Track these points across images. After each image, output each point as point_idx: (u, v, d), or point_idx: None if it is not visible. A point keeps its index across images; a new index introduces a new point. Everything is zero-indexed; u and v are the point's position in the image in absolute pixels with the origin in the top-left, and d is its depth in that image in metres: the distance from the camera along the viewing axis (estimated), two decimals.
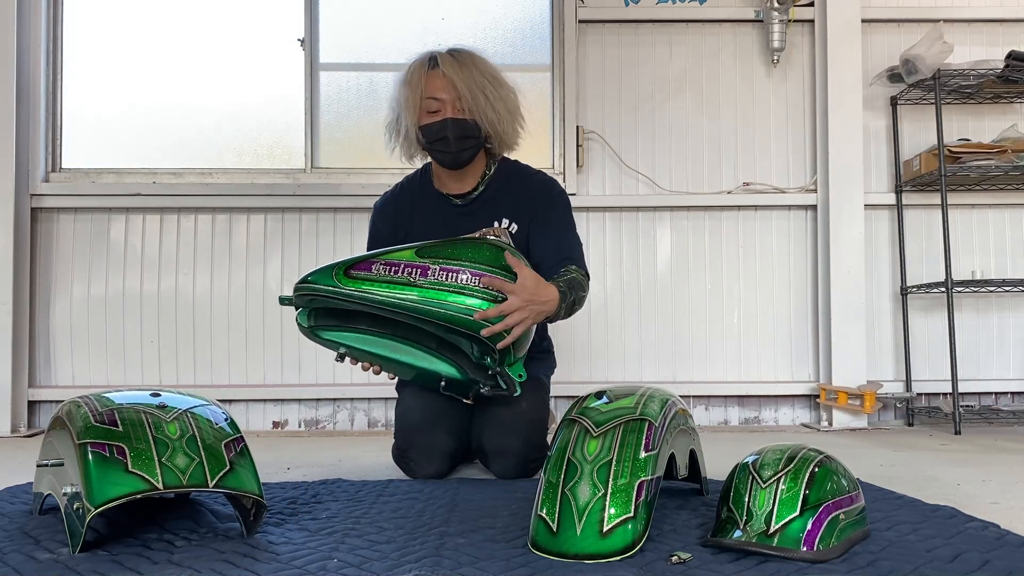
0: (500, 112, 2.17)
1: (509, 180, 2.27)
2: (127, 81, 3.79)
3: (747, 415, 3.76)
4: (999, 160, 3.48)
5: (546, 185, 2.28)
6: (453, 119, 2.12)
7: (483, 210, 2.25)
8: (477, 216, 2.24)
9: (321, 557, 1.38)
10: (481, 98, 2.13)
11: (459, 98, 2.12)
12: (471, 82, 2.13)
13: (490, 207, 2.25)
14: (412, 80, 2.16)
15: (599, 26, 3.81)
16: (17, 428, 3.51)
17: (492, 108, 2.15)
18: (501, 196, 2.25)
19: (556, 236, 2.23)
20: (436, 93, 2.14)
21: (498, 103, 2.16)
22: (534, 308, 1.93)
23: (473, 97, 2.12)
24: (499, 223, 2.24)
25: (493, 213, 2.24)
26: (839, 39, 3.67)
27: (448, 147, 2.15)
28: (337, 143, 3.82)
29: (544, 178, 2.30)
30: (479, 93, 2.13)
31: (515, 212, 2.23)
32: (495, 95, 2.16)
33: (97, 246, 3.69)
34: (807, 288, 3.79)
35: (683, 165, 3.81)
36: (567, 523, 1.38)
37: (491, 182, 2.25)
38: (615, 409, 1.54)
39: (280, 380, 3.71)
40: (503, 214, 2.24)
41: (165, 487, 1.41)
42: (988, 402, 3.76)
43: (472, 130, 2.14)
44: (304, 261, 3.71)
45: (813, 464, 1.43)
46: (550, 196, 2.26)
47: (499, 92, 2.17)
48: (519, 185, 2.26)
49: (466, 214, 2.25)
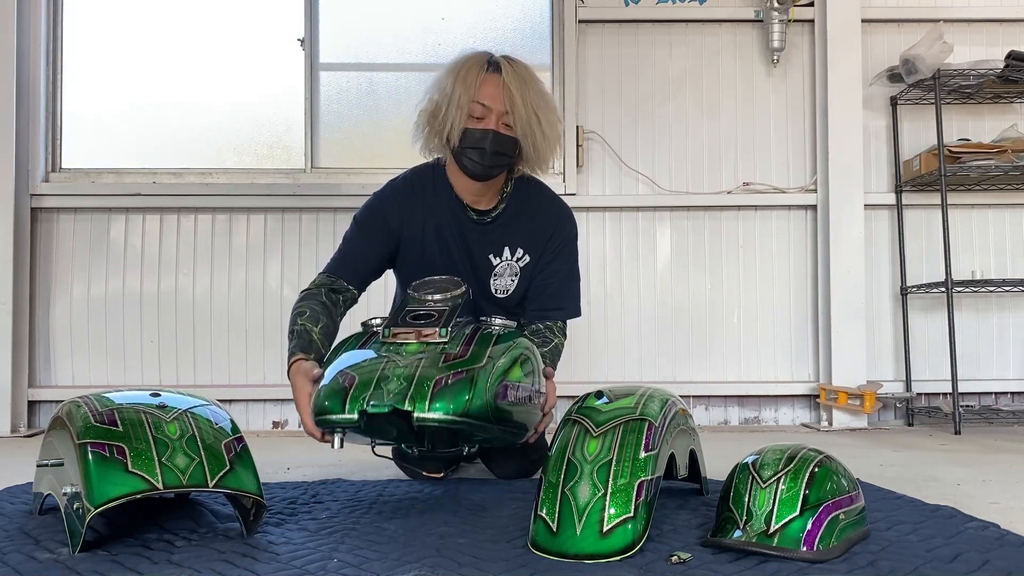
0: (549, 137, 2.06)
1: (527, 203, 2.17)
2: (127, 81, 3.79)
3: (747, 415, 3.76)
4: (999, 160, 3.48)
5: (562, 222, 2.18)
6: (497, 133, 2.00)
7: (499, 232, 2.15)
8: (490, 237, 2.14)
9: (321, 557, 1.38)
10: (535, 120, 2.02)
11: (511, 113, 2.00)
12: (529, 100, 2.01)
13: (507, 232, 2.15)
14: (467, 78, 2.00)
15: (599, 26, 3.81)
16: (17, 428, 3.51)
17: (542, 132, 2.04)
18: (518, 222, 2.15)
19: (558, 282, 2.16)
20: (487, 99, 2.01)
21: (548, 128, 2.05)
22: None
23: (528, 117, 2.01)
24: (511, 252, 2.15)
25: (509, 239, 2.15)
26: (839, 39, 3.66)
27: (483, 158, 2.01)
28: (337, 143, 3.82)
29: (559, 211, 2.20)
30: (534, 115, 2.02)
31: (530, 244, 2.15)
32: (547, 120, 2.05)
33: (97, 246, 3.69)
34: (807, 288, 3.79)
35: (683, 165, 3.81)
36: (567, 523, 1.38)
37: (510, 201, 2.15)
38: (615, 409, 1.54)
39: (280, 380, 3.69)
40: (519, 243, 2.15)
41: (165, 487, 1.41)
42: (988, 402, 3.76)
43: (510, 148, 2.03)
44: (304, 261, 3.71)
45: (813, 464, 1.43)
46: (564, 236, 2.17)
47: (550, 118, 2.06)
48: (537, 215, 2.17)
49: (483, 233, 2.14)
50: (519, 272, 2.15)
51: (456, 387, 1.54)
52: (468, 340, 1.68)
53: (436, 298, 1.82)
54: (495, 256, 2.15)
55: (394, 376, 1.56)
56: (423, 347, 1.66)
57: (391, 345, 1.68)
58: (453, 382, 1.54)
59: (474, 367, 1.58)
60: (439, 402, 1.51)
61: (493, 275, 2.15)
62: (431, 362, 1.60)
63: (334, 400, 1.56)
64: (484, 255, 2.14)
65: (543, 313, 2.16)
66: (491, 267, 2.15)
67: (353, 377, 1.59)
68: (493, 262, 2.15)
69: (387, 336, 1.70)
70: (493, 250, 2.14)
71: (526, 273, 2.16)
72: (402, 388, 1.54)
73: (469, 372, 1.57)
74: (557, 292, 2.16)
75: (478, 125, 2.01)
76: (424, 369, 1.57)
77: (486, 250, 2.14)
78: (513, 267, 2.15)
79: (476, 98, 2.00)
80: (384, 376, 1.57)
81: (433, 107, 2.05)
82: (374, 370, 1.59)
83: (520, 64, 2.07)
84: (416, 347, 1.66)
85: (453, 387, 1.54)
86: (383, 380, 1.56)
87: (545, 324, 2.15)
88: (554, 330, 2.15)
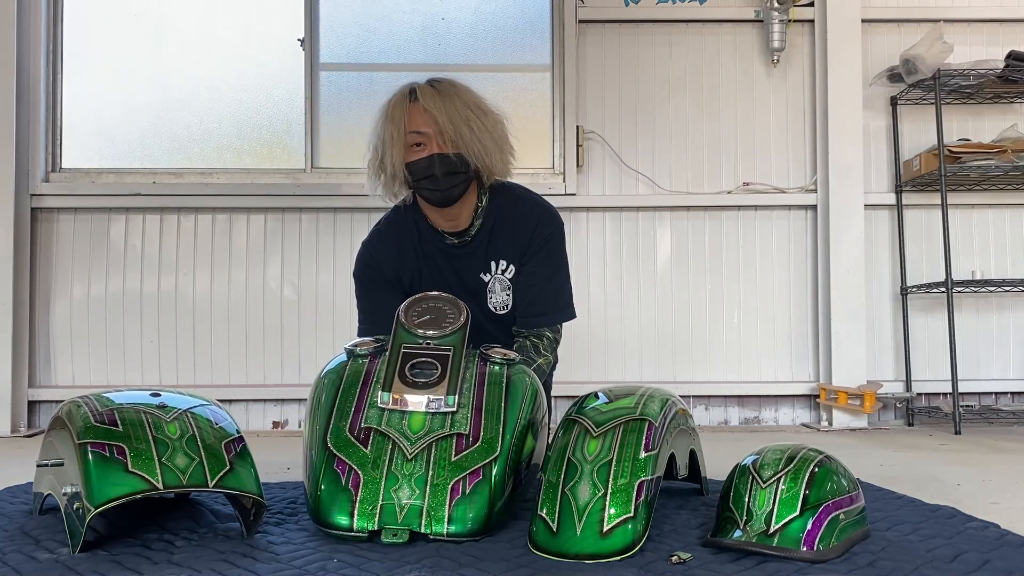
0: (487, 144, 2.03)
1: (503, 214, 2.13)
2: (127, 81, 3.79)
3: (747, 415, 3.76)
4: (999, 160, 3.48)
5: (541, 223, 2.14)
6: (440, 154, 1.99)
7: (479, 250, 2.13)
8: (475, 257, 2.13)
9: (321, 557, 1.37)
10: (466, 131, 2.00)
11: (442, 132, 1.99)
12: (454, 114, 2.00)
13: (487, 248, 2.13)
14: (394, 116, 2.02)
15: (599, 26, 3.81)
16: (17, 428, 3.51)
17: (478, 141, 2.02)
18: (497, 235, 2.12)
19: (540, 285, 2.13)
20: (419, 127, 2.00)
21: (484, 135, 2.03)
22: None
23: (456, 130, 1.99)
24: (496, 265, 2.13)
25: (490, 252, 2.13)
26: (839, 39, 3.66)
27: (437, 184, 2.01)
28: (337, 143, 3.82)
29: (538, 213, 2.16)
30: (463, 126, 2.00)
31: (510, 251, 2.13)
32: (480, 126, 2.03)
33: (97, 246, 3.69)
34: (807, 288, 3.79)
35: (683, 165, 3.81)
36: (567, 523, 1.38)
37: (486, 217, 2.12)
38: (615, 409, 1.54)
39: (280, 380, 3.71)
40: (500, 256, 2.12)
41: (165, 487, 1.41)
42: (988, 402, 3.76)
43: (459, 165, 2.01)
44: (304, 261, 3.71)
45: (813, 464, 1.43)
46: (542, 237, 2.13)
47: (484, 122, 2.04)
48: (514, 222, 2.14)
49: (464, 255, 2.13)
50: (509, 285, 2.13)
51: (474, 498, 1.48)
52: (478, 406, 1.60)
53: (432, 334, 1.71)
54: (484, 274, 2.13)
55: (403, 477, 1.49)
56: (429, 418, 1.58)
57: (393, 413, 1.59)
58: (471, 492, 1.49)
59: (489, 460, 1.52)
60: (458, 519, 1.46)
61: (489, 293, 2.14)
62: (443, 455, 1.52)
63: (340, 508, 1.48)
64: (474, 276, 2.13)
65: (526, 320, 2.13)
66: (484, 285, 2.13)
67: (358, 476, 1.50)
68: (484, 279, 2.13)
69: (387, 401, 1.60)
70: (481, 268, 2.13)
71: (515, 283, 2.13)
72: (415, 499, 1.47)
73: (486, 472, 1.51)
74: (539, 296, 2.12)
75: (420, 154, 2.01)
76: (437, 470, 1.50)
77: (474, 270, 2.13)
78: (503, 281, 2.13)
79: (409, 129, 2.01)
80: (393, 476, 1.49)
81: (377, 155, 2.08)
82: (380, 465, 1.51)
83: (443, 82, 2.06)
84: (422, 420, 1.58)
85: (471, 498, 1.48)
86: (392, 484, 1.49)
87: (531, 340, 2.12)
88: (540, 347, 2.12)
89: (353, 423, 1.59)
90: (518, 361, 1.77)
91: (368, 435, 1.56)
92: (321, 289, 3.72)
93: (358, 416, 1.60)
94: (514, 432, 1.59)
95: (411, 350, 1.68)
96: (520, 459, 1.60)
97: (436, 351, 1.68)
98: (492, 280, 2.13)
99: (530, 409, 1.67)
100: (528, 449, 1.64)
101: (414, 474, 1.50)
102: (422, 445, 1.54)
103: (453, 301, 1.79)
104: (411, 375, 1.64)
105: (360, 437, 1.56)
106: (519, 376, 1.72)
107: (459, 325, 1.72)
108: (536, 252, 2.12)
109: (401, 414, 1.59)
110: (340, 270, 3.70)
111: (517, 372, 1.73)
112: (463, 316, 1.75)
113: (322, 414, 1.62)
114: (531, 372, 1.79)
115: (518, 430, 1.61)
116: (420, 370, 1.65)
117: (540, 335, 2.14)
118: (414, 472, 1.50)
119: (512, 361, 1.75)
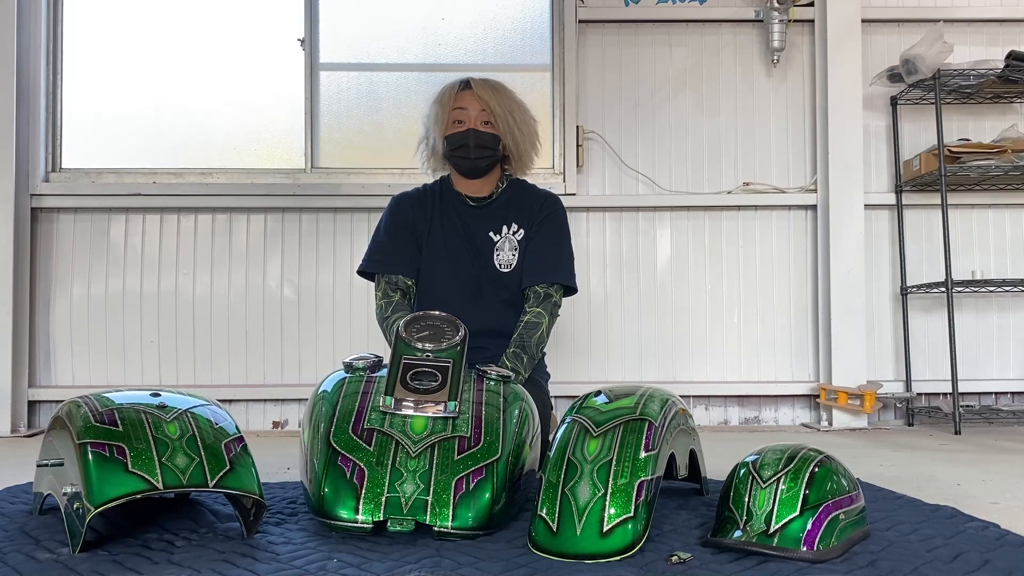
0: (525, 134, 2.40)
1: (518, 192, 2.46)
2: (127, 81, 3.79)
3: (747, 415, 3.76)
4: (999, 160, 3.48)
5: (549, 199, 2.46)
6: (475, 130, 2.32)
7: (496, 213, 2.41)
8: (490, 219, 2.40)
9: (321, 557, 1.38)
10: (510, 119, 2.35)
11: (489, 112, 2.32)
12: (503, 102, 2.35)
13: (502, 212, 2.41)
14: (443, 98, 2.36)
15: (599, 26, 3.81)
16: (17, 428, 3.51)
17: (517, 129, 2.37)
18: (512, 204, 2.43)
19: (545, 249, 2.38)
20: (463, 105, 2.33)
21: (523, 126, 2.39)
22: None
23: (504, 116, 2.33)
24: (508, 227, 2.39)
25: (504, 217, 2.40)
26: (839, 39, 3.66)
27: (468, 154, 2.33)
28: (337, 143, 3.82)
29: (547, 195, 2.48)
30: (508, 115, 2.34)
31: (523, 218, 2.40)
32: (522, 120, 2.39)
33: (97, 246, 3.69)
34: (807, 288, 3.79)
35: (683, 165, 3.81)
36: (567, 523, 1.38)
37: (505, 190, 2.44)
38: (615, 409, 1.54)
39: (280, 380, 3.71)
40: (512, 219, 2.40)
41: (165, 487, 1.41)
42: (988, 402, 3.76)
43: (492, 142, 2.34)
44: (304, 261, 3.71)
45: (813, 464, 1.43)
46: (551, 209, 2.43)
47: (524, 118, 2.41)
48: (527, 196, 2.45)
49: (481, 216, 2.41)
50: (517, 246, 2.37)
51: (477, 493, 1.51)
52: (478, 416, 1.64)
53: (431, 347, 1.73)
54: (495, 233, 2.38)
55: (408, 472, 1.51)
56: (431, 422, 1.61)
57: (395, 417, 1.62)
58: (474, 488, 1.51)
59: (492, 461, 1.55)
60: (463, 513, 1.49)
61: (496, 251, 2.37)
62: (446, 455, 1.55)
63: (344, 498, 1.50)
64: (485, 234, 2.38)
65: (533, 278, 2.34)
66: (492, 244, 2.37)
67: (363, 472, 1.52)
68: (494, 239, 2.38)
69: (388, 404, 1.63)
70: (493, 228, 2.39)
71: (523, 247, 2.38)
72: (419, 492, 1.49)
73: (489, 471, 1.54)
74: (546, 256, 2.37)
75: (459, 129, 2.34)
76: (440, 467, 1.53)
77: (486, 229, 2.39)
78: (512, 241, 2.38)
79: (454, 107, 2.34)
80: (397, 472, 1.52)
81: (425, 131, 2.45)
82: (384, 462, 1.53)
83: (492, 80, 2.42)
84: (424, 424, 1.61)
85: (474, 494, 1.51)
86: (396, 478, 1.51)
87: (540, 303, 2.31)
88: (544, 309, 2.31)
89: (356, 425, 1.61)
90: (513, 380, 1.85)
91: (371, 435, 1.59)
92: (321, 289, 3.72)
93: (360, 419, 1.62)
94: (512, 442, 1.63)
95: (412, 361, 1.71)
96: (518, 465, 1.63)
97: (436, 363, 1.71)
98: (502, 240, 2.38)
99: (525, 426, 1.71)
100: (524, 459, 1.67)
101: (418, 470, 1.53)
102: (425, 445, 1.57)
103: (451, 320, 1.82)
104: (412, 383, 1.67)
105: (363, 437, 1.59)
106: (514, 397, 1.78)
107: (456, 341, 1.76)
108: (543, 221, 2.40)
109: (403, 417, 1.62)
110: (340, 270, 3.70)
111: (512, 393, 1.79)
112: (460, 333, 1.78)
113: (323, 418, 1.65)
114: (526, 394, 1.84)
115: (516, 441, 1.64)
116: (420, 380, 1.68)
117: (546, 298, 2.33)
118: (418, 468, 1.53)
119: (507, 379, 1.81)
